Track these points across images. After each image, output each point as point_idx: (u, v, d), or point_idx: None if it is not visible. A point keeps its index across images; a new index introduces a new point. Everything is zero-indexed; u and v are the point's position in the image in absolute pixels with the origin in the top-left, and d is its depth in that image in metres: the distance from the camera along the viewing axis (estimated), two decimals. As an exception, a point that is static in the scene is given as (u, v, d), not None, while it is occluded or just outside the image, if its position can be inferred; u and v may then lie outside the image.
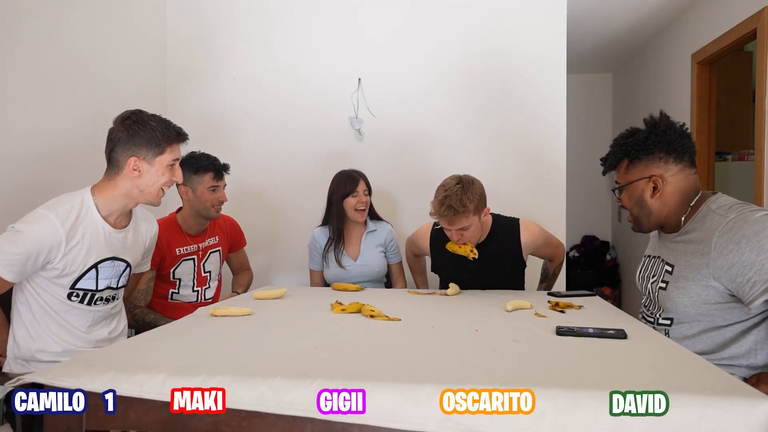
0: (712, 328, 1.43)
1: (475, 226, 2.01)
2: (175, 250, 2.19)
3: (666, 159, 1.48)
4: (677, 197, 1.50)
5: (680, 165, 1.49)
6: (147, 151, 1.59)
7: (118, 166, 1.60)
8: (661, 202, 1.51)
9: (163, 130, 1.61)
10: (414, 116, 3.00)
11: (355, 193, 2.40)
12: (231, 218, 2.50)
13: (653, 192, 1.50)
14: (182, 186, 2.19)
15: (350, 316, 1.61)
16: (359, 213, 2.42)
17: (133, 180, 1.60)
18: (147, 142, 1.58)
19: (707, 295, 1.40)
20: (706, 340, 1.44)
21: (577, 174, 4.83)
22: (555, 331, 1.36)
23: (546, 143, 2.93)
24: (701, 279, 1.40)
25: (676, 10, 3.52)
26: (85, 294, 1.60)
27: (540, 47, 2.93)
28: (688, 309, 1.44)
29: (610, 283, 4.99)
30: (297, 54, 3.07)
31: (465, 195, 1.92)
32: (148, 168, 1.60)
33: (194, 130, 3.09)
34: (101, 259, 1.60)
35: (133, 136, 1.57)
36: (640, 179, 1.52)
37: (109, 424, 1.03)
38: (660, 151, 1.48)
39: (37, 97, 2.16)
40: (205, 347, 1.26)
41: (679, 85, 3.61)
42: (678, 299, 1.45)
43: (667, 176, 1.49)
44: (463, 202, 1.91)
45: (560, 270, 2.39)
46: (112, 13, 2.63)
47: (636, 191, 1.54)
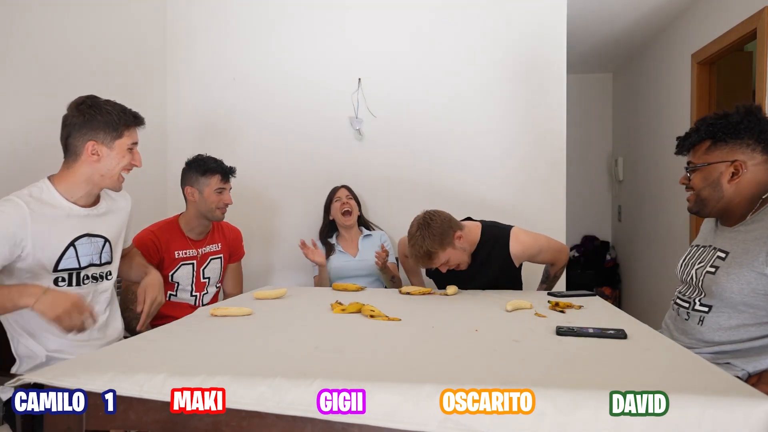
0: (753, 324, 1.41)
1: (455, 256, 2.07)
2: (174, 253, 2.19)
3: (754, 147, 1.46)
4: (753, 187, 1.48)
5: (765, 156, 1.47)
6: (105, 135, 1.57)
7: (76, 153, 1.58)
8: (736, 188, 1.48)
9: (119, 113, 1.59)
10: (414, 116, 3.00)
11: (337, 197, 2.69)
12: (237, 229, 2.51)
13: (732, 177, 1.48)
14: (189, 187, 2.21)
15: (350, 316, 1.61)
16: (345, 216, 2.66)
17: (92, 165, 1.58)
18: (104, 125, 1.57)
19: (758, 283, 1.39)
20: (742, 333, 1.42)
21: (577, 174, 4.83)
22: (555, 331, 1.36)
23: (546, 143, 2.93)
24: (756, 266, 1.39)
25: (676, 10, 3.52)
26: (71, 275, 1.59)
27: (540, 47, 2.92)
28: (735, 296, 1.42)
29: (610, 283, 4.98)
30: (297, 54, 3.06)
31: (425, 241, 1.99)
32: (108, 152, 1.58)
33: (194, 129, 3.12)
34: (76, 237, 1.59)
35: (89, 121, 1.56)
36: (721, 162, 1.49)
37: (109, 424, 1.03)
38: (750, 137, 1.46)
39: (36, 97, 2.15)
40: (205, 347, 1.26)
41: (679, 85, 3.61)
42: (727, 284, 1.43)
43: (750, 164, 1.47)
44: (425, 248, 1.99)
45: (561, 273, 2.37)
46: (112, 13, 2.63)
47: (713, 173, 1.51)
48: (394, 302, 1.86)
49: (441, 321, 1.56)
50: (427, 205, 2.16)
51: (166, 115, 3.14)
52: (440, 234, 2.00)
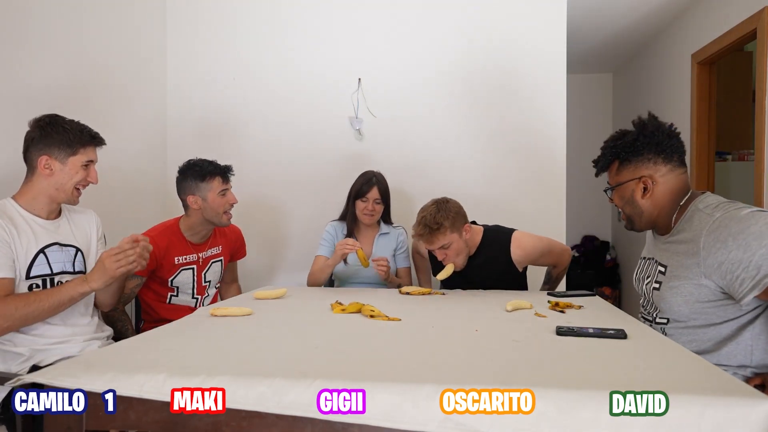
0: (708, 325, 1.44)
1: (457, 245, 2.07)
2: (174, 259, 2.14)
3: (655, 160, 1.50)
4: (668, 197, 1.52)
5: (669, 165, 1.51)
6: (59, 151, 1.62)
7: (32, 166, 1.63)
8: (652, 202, 1.53)
9: (77, 133, 1.64)
10: (414, 116, 3.00)
11: (365, 198, 2.42)
12: (237, 228, 2.46)
13: (644, 192, 1.53)
14: (191, 196, 2.14)
15: (350, 316, 1.61)
16: (367, 217, 2.44)
17: (46, 179, 1.62)
18: (59, 143, 1.62)
19: (700, 293, 1.42)
20: (702, 336, 1.45)
21: (577, 174, 4.81)
22: (555, 331, 1.36)
23: (546, 143, 2.93)
24: (693, 278, 1.41)
25: (676, 10, 3.52)
26: (44, 280, 1.61)
27: (540, 47, 2.93)
28: (682, 308, 1.45)
29: (610, 283, 4.99)
30: (297, 54, 3.07)
31: (439, 213, 2.02)
32: (60, 167, 1.62)
33: (194, 129, 3.12)
34: (46, 245, 1.62)
35: (45, 137, 1.61)
36: (630, 180, 1.54)
37: (109, 424, 1.03)
38: (649, 152, 1.50)
39: (35, 97, 2.15)
40: (205, 347, 1.26)
41: (679, 85, 3.62)
42: (671, 299, 1.47)
43: (657, 176, 1.51)
44: (437, 220, 2.01)
45: (564, 274, 2.38)
46: (112, 13, 2.63)
47: (627, 192, 1.56)
48: (394, 302, 1.86)
49: (441, 321, 1.56)
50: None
51: (166, 115, 3.14)
52: (454, 215, 2.05)
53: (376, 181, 2.44)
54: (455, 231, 2.05)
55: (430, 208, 2.05)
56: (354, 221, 2.49)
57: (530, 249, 2.17)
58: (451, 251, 2.08)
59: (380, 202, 2.45)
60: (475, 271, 2.19)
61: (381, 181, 2.47)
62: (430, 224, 2.01)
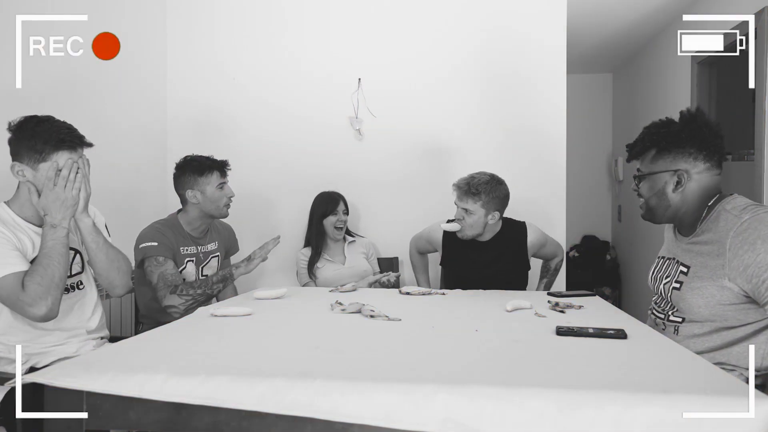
0: (724, 328, 1.42)
1: (477, 218, 2.15)
2: (181, 249, 2.19)
3: (696, 155, 1.46)
4: (698, 195, 1.48)
5: (708, 164, 1.47)
6: (28, 158, 1.52)
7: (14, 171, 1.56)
8: (681, 197, 1.49)
9: (47, 137, 1.52)
10: (414, 116, 3.00)
11: (335, 212, 2.65)
12: (229, 225, 2.51)
13: (676, 186, 1.49)
14: (189, 191, 2.18)
15: (350, 316, 1.61)
16: (338, 231, 2.67)
17: (24, 185, 1.55)
18: (27, 149, 1.52)
19: (722, 296, 1.39)
20: (715, 338, 1.43)
21: (577, 174, 4.82)
22: (555, 331, 1.36)
23: (546, 143, 2.93)
24: (716, 280, 1.39)
25: (676, 10, 3.52)
26: None
27: (540, 47, 2.92)
28: (702, 309, 1.43)
29: (610, 283, 4.98)
30: (297, 54, 3.06)
31: (485, 185, 2.11)
32: (33, 174, 1.53)
33: (194, 129, 3.12)
34: None
35: (15, 141, 1.53)
36: (665, 171, 1.50)
37: (109, 424, 1.03)
38: (692, 146, 1.46)
39: (36, 97, 2.15)
40: (205, 347, 1.26)
41: (679, 85, 3.61)
42: (692, 300, 1.44)
43: (693, 172, 1.47)
44: (479, 188, 2.10)
45: (561, 266, 2.48)
46: (112, 12, 2.62)
47: (658, 182, 1.52)
48: (394, 302, 1.86)
49: (441, 321, 1.56)
50: (427, 205, 2.17)
51: (166, 115, 3.14)
52: (494, 197, 2.13)
53: (338, 196, 2.70)
54: (485, 207, 2.13)
55: (483, 177, 2.14)
56: (322, 240, 2.68)
57: (539, 235, 2.32)
58: (470, 219, 2.15)
59: (347, 212, 2.71)
60: (496, 255, 2.26)
61: (342, 196, 2.73)
62: (472, 186, 2.10)
